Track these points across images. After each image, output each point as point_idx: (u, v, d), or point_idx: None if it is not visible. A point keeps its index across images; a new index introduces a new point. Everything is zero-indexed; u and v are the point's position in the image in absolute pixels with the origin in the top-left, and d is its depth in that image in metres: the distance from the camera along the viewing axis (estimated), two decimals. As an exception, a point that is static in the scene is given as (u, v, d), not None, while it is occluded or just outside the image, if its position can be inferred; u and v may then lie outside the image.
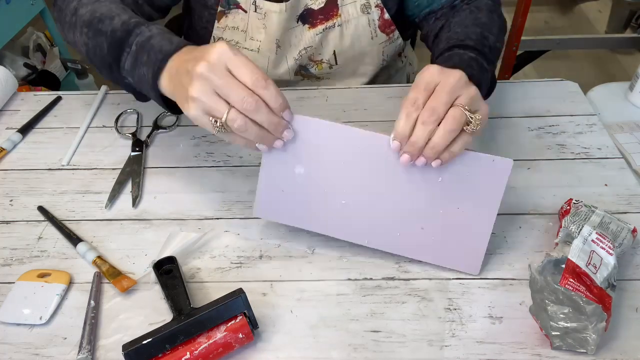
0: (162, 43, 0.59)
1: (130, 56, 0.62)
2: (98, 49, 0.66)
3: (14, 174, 0.78)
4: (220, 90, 0.51)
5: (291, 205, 0.64)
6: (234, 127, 0.52)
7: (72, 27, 0.69)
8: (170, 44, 0.58)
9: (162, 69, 0.57)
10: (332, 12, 0.84)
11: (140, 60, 0.60)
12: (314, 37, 0.86)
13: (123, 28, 0.63)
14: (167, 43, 0.59)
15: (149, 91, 0.61)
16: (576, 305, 0.53)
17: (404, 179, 0.61)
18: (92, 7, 0.68)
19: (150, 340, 0.52)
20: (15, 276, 0.64)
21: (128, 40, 0.62)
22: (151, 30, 0.62)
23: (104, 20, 0.65)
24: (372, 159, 0.60)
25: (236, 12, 0.83)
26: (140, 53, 0.60)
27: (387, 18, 0.87)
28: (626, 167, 0.75)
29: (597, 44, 2.16)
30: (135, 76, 0.61)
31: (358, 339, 0.57)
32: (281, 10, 0.81)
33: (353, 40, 0.87)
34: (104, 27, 0.65)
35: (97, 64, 0.68)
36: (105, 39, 0.64)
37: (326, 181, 0.62)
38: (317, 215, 0.64)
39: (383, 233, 0.64)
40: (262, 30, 0.84)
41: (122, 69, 0.63)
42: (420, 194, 0.61)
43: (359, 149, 0.60)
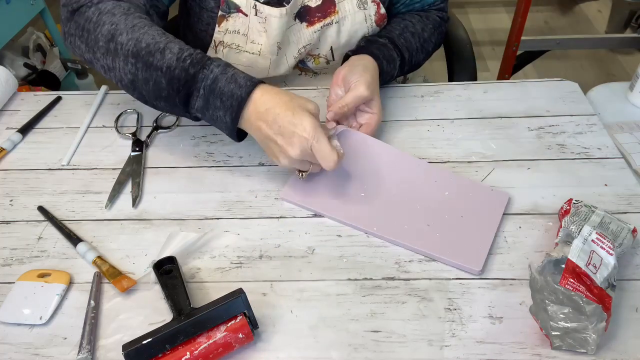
0: (231, 87, 0.66)
1: (200, 99, 0.67)
2: (152, 82, 0.68)
3: (14, 174, 0.78)
4: (307, 159, 0.66)
5: (316, 192, 0.73)
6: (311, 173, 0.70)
7: (110, 53, 0.69)
8: (240, 88, 0.66)
9: (239, 116, 0.66)
10: (329, 9, 0.85)
11: (214, 104, 0.67)
12: (312, 35, 0.86)
13: (181, 66, 0.66)
14: (236, 87, 0.66)
15: (225, 130, 0.69)
16: (576, 305, 0.53)
17: (416, 187, 0.72)
18: (133, 36, 0.68)
19: (150, 340, 0.52)
20: (15, 276, 0.64)
21: (195, 84, 0.66)
22: (213, 70, 0.66)
23: (154, 54, 0.67)
24: (392, 169, 0.74)
25: (237, 15, 0.83)
26: (211, 97, 0.67)
27: (382, 12, 0.88)
28: (626, 167, 0.75)
29: (597, 44, 2.16)
30: (208, 115, 0.68)
31: (358, 339, 0.57)
32: (281, 14, 0.81)
33: (350, 35, 0.88)
34: (156, 62, 0.67)
35: (148, 93, 0.70)
36: (163, 75, 0.67)
37: (352, 176, 0.74)
38: (336, 203, 0.71)
39: (391, 223, 0.68)
40: (263, 34, 0.84)
41: (191, 108, 0.69)
42: (429, 200, 0.71)
43: (385, 159, 0.75)
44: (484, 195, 0.71)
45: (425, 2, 0.93)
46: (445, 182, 0.72)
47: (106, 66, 0.71)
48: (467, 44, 1.09)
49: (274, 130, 0.64)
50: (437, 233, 0.67)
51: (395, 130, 0.83)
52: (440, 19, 0.94)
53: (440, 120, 0.84)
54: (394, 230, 0.67)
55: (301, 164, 0.68)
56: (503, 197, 0.70)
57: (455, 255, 0.64)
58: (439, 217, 0.68)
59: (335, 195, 0.72)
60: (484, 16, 2.86)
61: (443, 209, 0.69)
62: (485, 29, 2.75)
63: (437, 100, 0.88)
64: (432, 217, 0.68)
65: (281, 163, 0.67)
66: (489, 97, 0.89)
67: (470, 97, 0.89)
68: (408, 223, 0.68)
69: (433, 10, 0.94)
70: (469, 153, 0.78)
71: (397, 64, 0.85)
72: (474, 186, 0.72)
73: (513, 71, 2.05)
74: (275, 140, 0.65)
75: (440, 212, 0.69)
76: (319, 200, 0.71)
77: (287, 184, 0.74)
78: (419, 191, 0.71)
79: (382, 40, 0.84)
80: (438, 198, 0.71)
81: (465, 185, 0.72)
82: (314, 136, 0.63)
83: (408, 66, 0.89)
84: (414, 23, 0.90)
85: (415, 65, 0.92)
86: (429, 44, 0.91)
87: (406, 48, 0.86)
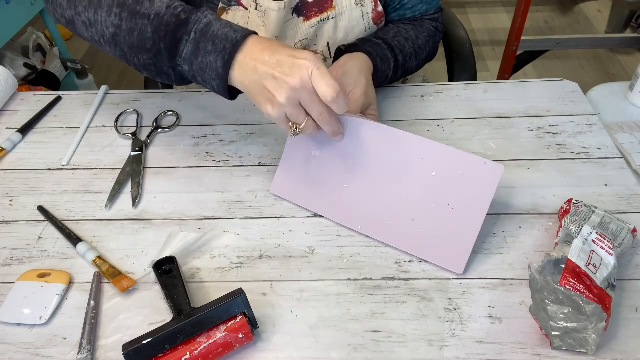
0: (226, 30, 0.61)
1: (190, 44, 0.62)
2: (137, 31, 0.64)
3: (14, 174, 0.78)
4: (305, 104, 0.59)
5: (301, 185, 0.71)
6: (306, 133, 0.62)
7: (94, 5, 0.66)
8: (235, 32, 0.61)
9: (233, 58, 0.61)
10: (326, 4, 0.85)
11: (205, 48, 0.62)
12: (308, 30, 0.86)
13: (171, 12, 0.63)
14: (231, 30, 0.61)
15: (214, 79, 0.63)
16: (576, 305, 0.53)
17: (401, 168, 0.67)
18: None
19: (150, 340, 0.52)
20: (15, 276, 0.64)
21: (186, 27, 0.62)
22: (207, 16, 0.63)
23: (142, 2, 0.64)
24: (378, 147, 0.67)
25: (237, 8, 0.83)
26: (203, 41, 0.62)
27: (380, 10, 0.88)
28: (626, 167, 0.75)
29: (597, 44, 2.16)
30: (197, 64, 0.63)
31: (358, 339, 0.57)
32: (280, 8, 0.81)
33: (347, 32, 0.88)
34: (143, 10, 0.64)
35: (130, 46, 0.66)
36: (149, 22, 0.63)
37: (335, 165, 0.70)
38: (321, 197, 0.70)
39: (376, 221, 0.67)
40: (262, 28, 0.84)
41: (178, 56, 0.64)
42: (415, 185, 0.66)
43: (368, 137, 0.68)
44: (476, 171, 0.63)
45: (417, 10, 0.92)
46: (432, 158, 0.65)
47: (87, 21, 0.68)
48: (467, 44, 1.09)
49: (272, 65, 0.59)
50: (421, 229, 0.65)
51: (395, 130, 0.83)
52: (435, 29, 0.93)
53: (440, 120, 0.84)
54: (378, 229, 0.67)
55: (297, 109, 0.60)
56: (496, 172, 0.62)
57: (437, 257, 0.63)
58: (425, 209, 0.65)
59: (320, 189, 0.70)
60: (484, 16, 2.86)
61: (429, 196, 0.65)
62: (485, 29, 2.75)
63: (437, 100, 0.88)
64: (418, 209, 0.65)
65: (277, 102, 0.59)
66: (489, 97, 0.89)
67: (470, 97, 0.89)
68: (393, 219, 0.66)
69: (426, 19, 0.93)
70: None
71: (392, 64, 0.84)
72: (465, 160, 0.64)
73: (513, 71, 2.05)
74: (273, 74, 0.58)
75: (427, 201, 0.65)
76: (305, 194, 0.71)
77: (275, 176, 0.73)
78: (405, 175, 0.66)
79: (375, 40, 0.84)
80: (424, 182, 0.65)
81: (455, 161, 0.64)
82: (316, 63, 0.58)
83: (402, 70, 0.88)
84: (407, 30, 0.89)
85: (408, 71, 0.90)
86: (422, 51, 0.90)
87: (400, 50, 0.85)
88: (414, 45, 0.88)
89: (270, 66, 0.59)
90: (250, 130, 0.83)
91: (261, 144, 0.81)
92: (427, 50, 0.92)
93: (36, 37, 1.86)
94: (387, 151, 0.67)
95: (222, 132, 0.84)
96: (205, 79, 0.64)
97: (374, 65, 0.80)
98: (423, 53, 0.91)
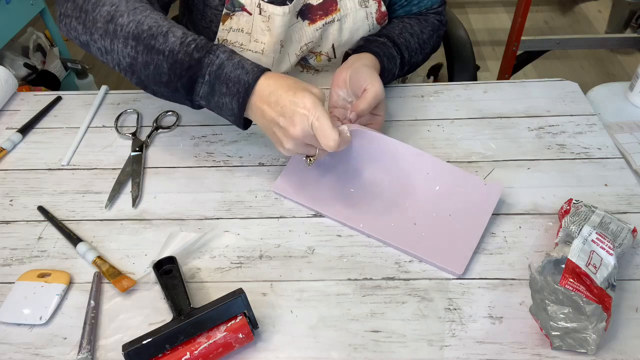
0: (238, 73, 0.64)
1: (205, 85, 0.66)
2: (152, 66, 0.66)
3: (14, 174, 0.78)
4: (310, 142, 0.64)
5: (306, 185, 0.73)
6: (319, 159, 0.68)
7: (109, 35, 0.68)
8: (247, 74, 0.64)
9: (246, 102, 0.65)
10: (331, 7, 0.85)
11: (220, 90, 0.65)
12: (314, 33, 0.86)
13: (184, 50, 0.65)
14: (243, 72, 0.64)
15: (230, 117, 0.67)
16: (576, 305, 0.53)
17: (406, 181, 0.71)
18: (134, 18, 0.67)
19: (150, 340, 0.52)
20: (15, 276, 0.64)
21: (200, 69, 0.65)
22: (219, 56, 0.65)
23: (157, 37, 0.66)
24: (386, 159, 0.72)
25: (241, 14, 0.83)
26: (217, 83, 0.65)
27: (383, 10, 0.88)
28: (626, 167, 0.75)
29: (597, 44, 2.16)
30: (213, 102, 0.67)
31: (358, 339, 0.57)
32: (284, 13, 0.81)
33: (351, 33, 0.88)
34: (158, 45, 0.65)
35: (147, 78, 0.68)
36: (165, 59, 0.65)
37: (343, 170, 0.74)
38: (325, 197, 0.71)
39: (378, 221, 0.68)
40: (266, 33, 0.84)
41: (195, 94, 0.67)
42: (418, 195, 0.70)
43: (378, 150, 0.72)
44: (477, 190, 0.69)
45: (423, 5, 0.93)
46: (437, 174, 0.70)
47: (103, 49, 0.69)
48: (467, 44, 1.09)
49: (277, 111, 0.63)
50: (423, 233, 0.67)
51: (395, 130, 0.83)
52: (439, 22, 0.94)
53: (440, 120, 0.84)
54: (380, 229, 0.67)
55: (306, 148, 0.65)
56: (496, 191, 0.68)
57: (437, 257, 0.64)
58: (427, 216, 0.68)
59: (324, 190, 0.72)
60: (484, 16, 2.86)
61: (432, 206, 0.69)
62: (485, 29, 2.75)
63: (437, 100, 0.88)
64: (420, 216, 0.68)
65: (285, 147, 0.64)
66: (489, 97, 0.89)
67: (470, 97, 0.89)
68: (395, 221, 0.68)
69: (431, 14, 0.94)
70: (469, 153, 0.78)
71: (398, 61, 0.85)
72: (467, 179, 0.70)
73: (513, 71, 2.05)
74: (278, 122, 0.63)
75: (429, 210, 0.69)
76: (310, 195, 0.72)
77: (280, 176, 0.74)
78: (410, 186, 0.71)
79: (381, 39, 0.84)
80: (428, 194, 0.70)
81: (458, 178, 0.70)
82: (315, 114, 0.61)
83: (408, 66, 0.89)
84: (412, 25, 0.90)
85: (414, 66, 0.92)
86: (427, 45, 0.91)
87: (405, 47, 0.86)
88: (419, 40, 0.89)
89: (275, 113, 0.63)
90: (250, 130, 0.83)
91: (261, 144, 0.81)
92: (432, 44, 0.93)
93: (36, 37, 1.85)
94: (393, 163, 0.72)
95: (222, 132, 0.84)
96: (222, 114, 0.68)
97: (381, 65, 0.81)
98: (427, 47, 0.92)
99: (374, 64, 0.79)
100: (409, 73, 0.94)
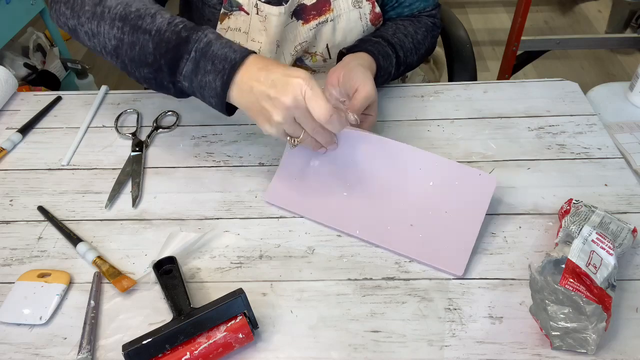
0: (225, 50, 0.62)
1: (190, 62, 0.64)
2: (138, 46, 0.65)
3: (14, 174, 0.78)
4: (299, 120, 0.62)
5: (299, 193, 0.71)
6: (303, 144, 0.66)
7: (97, 17, 0.67)
8: (234, 52, 0.62)
9: (231, 79, 0.62)
10: (324, 7, 0.85)
11: (204, 67, 0.63)
12: (308, 33, 0.86)
13: (172, 29, 0.64)
14: (230, 50, 0.62)
15: (212, 97, 0.64)
16: (576, 305, 0.53)
17: (400, 178, 0.69)
18: (122, 0, 0.66)
19: (150, 340, 0.52)
20: (15, 276, 0.64)
21: (187, 46, 0.63)
22: (207, 35, 0.63)
23: (144, 17, 0.65)
24: (377, 159, 0.70)
25: (239, 13, 0.83)
26: (202, 60, 0.63)
27: (377, 11, 0.88)
28: (626, 167, 0.75)
29: (597, 44, 2.16)
30: (196, 82, 0.64)
31: (358, 339, 0.57)
32: (280, 13, 0.82)
33: (345, 34, 0.88)
34: (145, 25, 0.64)
35: (132, 59, 0.67)
36: (150, 38, 0.64)
37: (334, 174, 0.71)
38: (319, 205, 0.70)
39: (375, 225, 0.67)
40: (263, 32, 0.84)
41: (178, 73, 0.65)
42: (413, 194, 0.69)
43: (368, 151, 0.70)
44: (471, 181, 0.66)
45: (414, 7, 0.92)
46: (430, 169, 0.68)
47: (90, 32, 0.68)
48: (467, 44, 1.09)
49: (267, 84, 0.60)
50: (420, 234, 0.66)
51: (395, 130, 0.83)
52: (433, 24, 0.94)
53: (440, 120, 0.84)
54: (377, 233, 0.66)
55: (293, 126, 0.63)
56: (490, 183, 0.66)
57: (437, 260, 0.63)
58: (423, 215, 0.67)
59: (318, 197, 0.70)
60: (484, 16, 2.86)
61: (427, 204, 0.67)
62: (485, 29, 2.75)
63: (437, 100, 0.88)
64: (416, 216, 0.67)
65: (274, 120, 0.61)
66: (489, 97, 0.89)
67: (470, 97, 0.89)
68: (391, 224, 0.67)
69: (424, 16, 0.94)
70: (469, 153, 0.78)
71: (393, 61, 0.84)
72: (459, 170, 0.67)
73: (513, 71, 2.05)
74: (268, 94, 0.60)
75: (425, 209, 0.67)
76: (302, 203, 0.70)
77: (270, 184, 0.72)
78: (403, 185, 0.69)
79: (375, 39, 0.84)
80: (422, 191, 0.68)
81: (451, 171, 0.67)
82: (309, 83, 0.59)
83: (404, 66, 0.88)
84: (406, 26, 0.89)
85: (409, 66, 0.91)
86: (422, 46, 0.91)
87: (400, 47, 0.86)
88: (413, 40, 0.89)
89: (266, 86, 0.61)
90: (250, 130, 0.83)
91: (261, 144, 0.81)
92: (426, 45, 0.93)
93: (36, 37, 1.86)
94: (385, 162, 0.70)
95: (222, 132, 0.84)
96: (204, 96, 0.65)
97: (377, 64, 0.80)
98: (422, 48, 0.92)
99: (369, 63, 0.79)
100: (404, 73, 0.93)
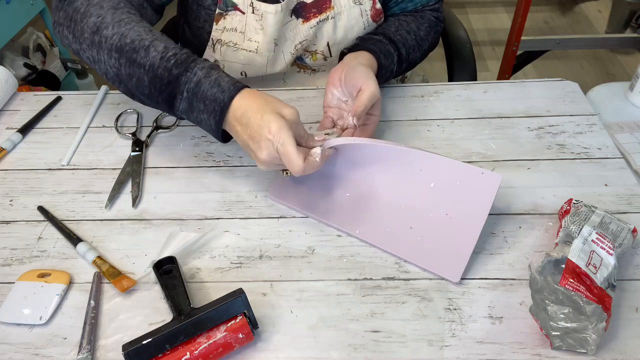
0: (214, 91, 0.65)
1: (184, 101, 0.67)
2: (135, 78, 0.68)
3: (14, 174, 0.78)
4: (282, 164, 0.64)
5: (301, 192, 0.72)
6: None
7: (95, 46, 0.69)
8: (222, 92, 0.65)
9: (223, 119, 0.65)
10: (324, 4, 0.85)
11: (197, 107, 0.66)
12: (308, 31, 0.86)
13: (164, 65, 0.65)
14: (219, 91, 0.65)
15: (210, 131, 0.68)
16: (576, 305, 0.53)
17: (400, 180, 0.69)
18: (118, 30, 0.68)
19: (150, 340, 0.52)
20: (15, 276, 0.64)
21: (178, 86, 0.66)
22: (196, 73, 0.65)
23: (138, 50, 0.66)
24: (380, 162, 0.70)
25: (234, 13, 0.83)
26: (194, 101, 0.66)
27: (378, 7, 0.88)
28: (626, 167, 0.75)
29: (597, 44, 2.16)
30: (192, 117, 0.68)
31: (358, 339, 0.57)
32: (277, 11, 0.81)
33: (346, 31, 0.88)
34: (139, 59, 0.66)
35: (132, 88, 0.69)
36: (145, 73, 0.66)
37: (337, 176, 0.72)
38: (321, 204, 0.70)
39: (375, 226, 0.67)
40: (259, 31, 0.84)
41: (176, 109, 0.68)
42: (413, 196, 0.68)
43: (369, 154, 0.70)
44: (473, 181, 0.64)
45: (418, 1, 0.92)
46: (431, 170, 0.67)
47: (92, 58, 0.70)
48: (467, 44, 1.09)
49: (247, 134, 0.64)
50: (419, 237, 0.65)
51: (395, 130, 0.83)
52: (436, 19, 0.94)
53: (440, 120, 0.84)
54: (377, 235, 0.66)
55: (279, 166, 0.66)
56: (494, 183, 0.63)
57: (434, 265, 0.63)
58: (423, 218, 0.67)
59: (320, 196, 0.71)
60: (484, 16, 2.86)
61: (428, 206, 0.67)
62: (485, 29, 2.75)
63: (437, 100, 0.88)
64: (416, 218, 0.67)
65: (259, 166, 0.66)
66: (489, 97, 0.89)
67: (470, 97, 0.89)
68: (391, 226, 0.67)
69: (427, 10, 0.93)
70: (469, 153, 0.78)
71: (395, 58, 0.84)
72: (462, 171, 0.66)
73: (513, 71, 2.05)
74: (248, 145, 0.64)
75: (425, 211, 0.67)
76: (304, 200, 0.71)
77: (274, 182, 0.74)
78: (404, 186, 0.69)
79: (377, 37, 0.84)
80: (423, 193, 0.67)
81: (453, 171, 0.66)
82: (279, 139, 0.61)
83: (406, 63, 0.88)
84: (408, 22, 0.89)
85: (412, 63, 0.91)
86: (425, 42, 0.90)
87: (402, 44, 0.85)
88: (416, 37, 0.88)
89: (247, 135, 0.64)
90: (250, 130, 0.83)
91: (261, 144, 0.81)
92: (429, 41, 0.92)
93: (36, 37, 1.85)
94: (386, 165, 0.70)
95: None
96: (203, 128, 0.69)
97: (378, 62, 0.80)
98: (425, 44, 0.91)
99: (370, 62, 0.78)
100: (407, 70, 0.93)
